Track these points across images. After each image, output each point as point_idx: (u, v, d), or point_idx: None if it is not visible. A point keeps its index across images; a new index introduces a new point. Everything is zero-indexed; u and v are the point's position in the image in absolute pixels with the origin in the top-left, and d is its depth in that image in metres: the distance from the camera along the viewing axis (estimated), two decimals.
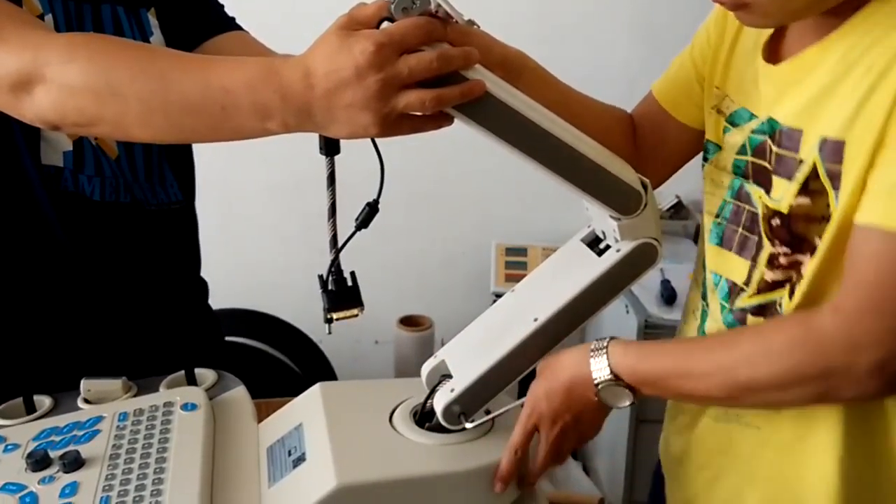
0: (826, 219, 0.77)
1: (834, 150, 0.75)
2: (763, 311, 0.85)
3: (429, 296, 2.37)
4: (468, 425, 0.85)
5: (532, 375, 0.88)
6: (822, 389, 0.75)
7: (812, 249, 0.79)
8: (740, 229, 0.88)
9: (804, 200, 0.78)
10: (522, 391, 0.88)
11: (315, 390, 0.92)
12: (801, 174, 0.78)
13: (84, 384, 0.96)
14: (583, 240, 0.93)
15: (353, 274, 0.85)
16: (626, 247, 0.86)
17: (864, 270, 0.71)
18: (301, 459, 0.83)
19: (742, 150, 0.86)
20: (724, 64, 0.91)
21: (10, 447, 0.87)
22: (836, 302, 0.73)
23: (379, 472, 0.80)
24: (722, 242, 0.92)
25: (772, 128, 0.83)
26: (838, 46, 0.76)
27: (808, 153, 0.78)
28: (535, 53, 0.93)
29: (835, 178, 0.75)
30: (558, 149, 0.79)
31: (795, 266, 0.81)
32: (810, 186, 0.78)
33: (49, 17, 0.94)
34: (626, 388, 0.81)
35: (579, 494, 2.05)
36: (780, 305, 0.83)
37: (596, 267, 0.87)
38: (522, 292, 0.94)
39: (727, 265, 0.90)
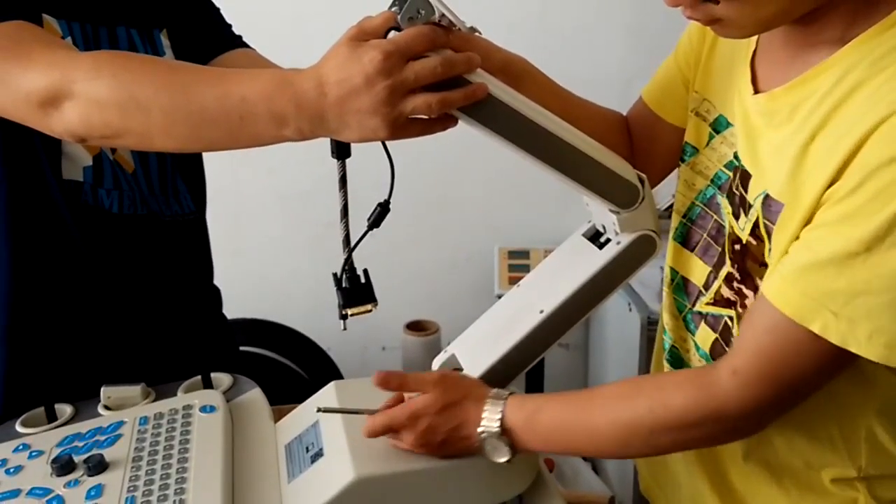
0: (765, 265, 0.79)
1: (773, 210, 0.77)
2: (717, 323, 0.88)
3: (434, 301, 2.39)
4: None
5: (538, 368, 0.90)
6: (707, 444, 0.84)
7: (755, 288, 0.81)
8: (705, 235, 0.90)
9: (753, 241, 0.81)
10: (529, 383, 0.90)
11: (330, 388, 0.94)
12: (752, 216, 0.80)
13: (104, 391, 0.99)
14: (584, 234, 0.96)
15: (365, 271, 0.88)
16: (626, 239, 0.89)
17: (764, 341, 0.73)
18: (319, 455, 0.85)
19: (729, 165, 0.87)
20: (704, 68, 0.93)
21: (34, 454, 0.90)
22: (735, 364, 0.75)
23: (395, 465, 0.82)
24: (684, 242, 0.94)
25: (737, 160, 0.85)
26: (802, 92, 0.76)
27: (755, 200, 0.80)
28: (535, 59, 0.95)
29: (769, 234, 0.78)
30: (559, 146, 0.82)
31: (741, 294, 0.84)
32: (756, 231, 0.80)
33: (68, 40, 0.97)
34: (507, 446, 0.81)
35: (590, 493, 2.06)
36: (732, 328, 0.85)
37: (597, 259, 0.89)
38: (527, 287, 0.97)
39: (685, 265, 0.93)
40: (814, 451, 0.83)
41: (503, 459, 0.81)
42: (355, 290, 0.86)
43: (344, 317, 0.86)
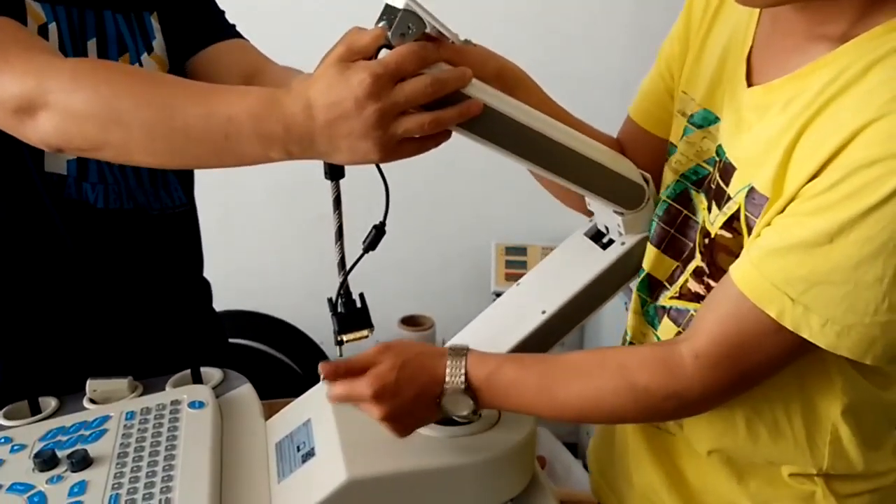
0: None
1: (757, 203, 0.76)
2: (680, 317, 0.87)
3: (429, 296, 2.38)
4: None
5: None
6: (661, 419, 0.88)
7: None
8: (672, 230, 0.90)
9: (727, 234, 0.80)
10: None
11: (322, 386, 0.92)
12: (729, 209, 0.80)
13: (90, 384, 0.96)
14: (586, 233, 0.95)
15: (361, 296, 0.86)
16: (631, 240, 0.88)
17: (727, 325, 0.74)
18: (310, 454, 0.83)
19: (710, 161, 0.86)
20: (691, 69, 0.91)
21: (16, 448, 0.88)
22: (697, 347, 0.76)
23: (388, 465, 0.80)
24: (652, 238, 0.93)
25: (720, 154, 0.84)
26: (798, 86, 0.75)
27: (737, 193, 0.79)
28: (535, 58, 0.94)
29: (750, 227, 0.77)
30: (560, 153, 0.81)
31: (710, 289, 0.83)
32: (733, 224, 0.79)
33: (53, 26, 0.94)
34: (470, 398, 0.80)
35: (580, 492, 2.05)
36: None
37: (603, 259, 0.89)
38: (528, 286, 0.95)
39: (650, 260, 0.92)
40: (778, 449, 0.84)
41: (464, 413, 0.80)
42: (351, 316, 0.84)
43: (340, 343, 0.84)
